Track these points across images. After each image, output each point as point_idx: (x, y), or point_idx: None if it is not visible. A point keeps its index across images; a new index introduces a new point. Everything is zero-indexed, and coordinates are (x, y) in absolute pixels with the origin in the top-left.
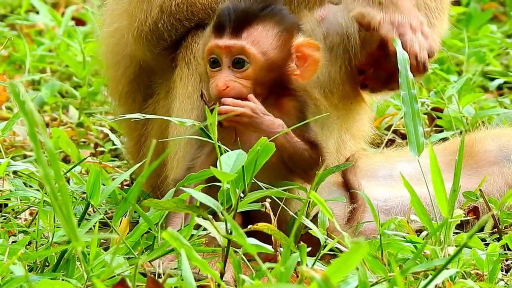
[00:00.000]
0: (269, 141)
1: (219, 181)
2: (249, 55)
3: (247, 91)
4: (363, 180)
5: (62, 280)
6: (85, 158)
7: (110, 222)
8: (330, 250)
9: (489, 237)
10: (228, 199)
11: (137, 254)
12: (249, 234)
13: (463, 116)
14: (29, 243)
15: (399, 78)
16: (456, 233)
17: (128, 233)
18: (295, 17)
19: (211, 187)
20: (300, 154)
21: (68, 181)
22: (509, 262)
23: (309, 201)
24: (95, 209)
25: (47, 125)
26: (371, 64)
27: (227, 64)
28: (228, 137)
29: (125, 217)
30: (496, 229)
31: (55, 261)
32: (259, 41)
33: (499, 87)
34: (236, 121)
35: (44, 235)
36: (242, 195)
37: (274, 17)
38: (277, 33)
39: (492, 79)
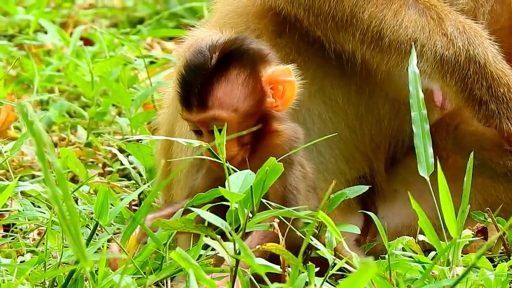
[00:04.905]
0: None
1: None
2: (222, 120)
3: (235, 150)
4: None
5: None
6: (92, 177)
7: (119, 242)
8: (339, 270)
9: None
10: (236, 219)
11: (145, 274)
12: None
13: None
14: (38, 263)
15: (410, 99)
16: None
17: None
18: (258, 44)
19: (219, 207)
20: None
21: (76, 201)
22: None
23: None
24: (103, 229)
25: (56, 145)
26: None
27: (206, 131)
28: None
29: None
30: (504, 249)
31: (64, 281)
32: (227, 101)
33: None
34: None
35: (52, 255)
36: (250, 215)
37: (235, 65)
38: (243, 81)
39: None
